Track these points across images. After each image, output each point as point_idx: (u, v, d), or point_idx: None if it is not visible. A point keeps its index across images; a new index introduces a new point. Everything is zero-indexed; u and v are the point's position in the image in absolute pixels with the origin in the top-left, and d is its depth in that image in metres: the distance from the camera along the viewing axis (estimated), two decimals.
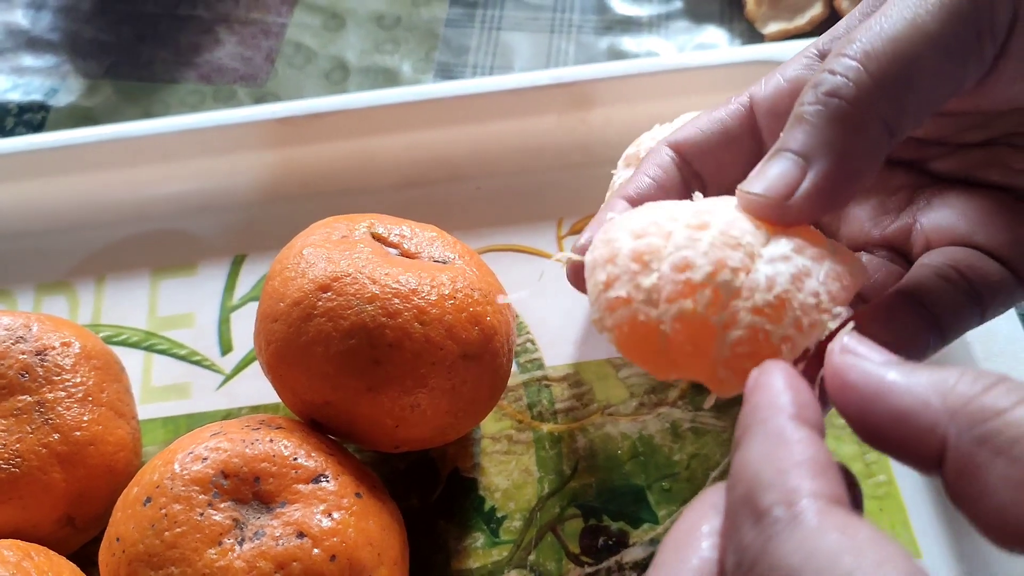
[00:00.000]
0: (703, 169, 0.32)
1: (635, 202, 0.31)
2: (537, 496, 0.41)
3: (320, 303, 0.35)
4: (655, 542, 0.39)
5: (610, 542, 0.40)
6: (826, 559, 0.18)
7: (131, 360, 0.45)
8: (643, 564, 0.39)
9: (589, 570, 0.39)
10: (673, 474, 0.41)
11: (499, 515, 0.40)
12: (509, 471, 0.41)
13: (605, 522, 0.40)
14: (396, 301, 0.35)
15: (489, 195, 0.49)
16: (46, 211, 0.50)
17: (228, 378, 0.45)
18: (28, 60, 0.58)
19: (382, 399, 0.35)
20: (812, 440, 0.21)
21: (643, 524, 0.40)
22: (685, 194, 0.31)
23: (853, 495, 0.22)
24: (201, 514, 0.32)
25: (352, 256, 0.37)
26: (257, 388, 0.44)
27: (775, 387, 0.22)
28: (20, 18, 0.60)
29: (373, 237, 0.39)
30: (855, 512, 0.20)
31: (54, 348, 0.38)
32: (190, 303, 0.47)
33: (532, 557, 0.40)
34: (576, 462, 0.41)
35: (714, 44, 0.56)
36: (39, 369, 0.37)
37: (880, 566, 0.18)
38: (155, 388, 0.45)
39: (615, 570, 0.39)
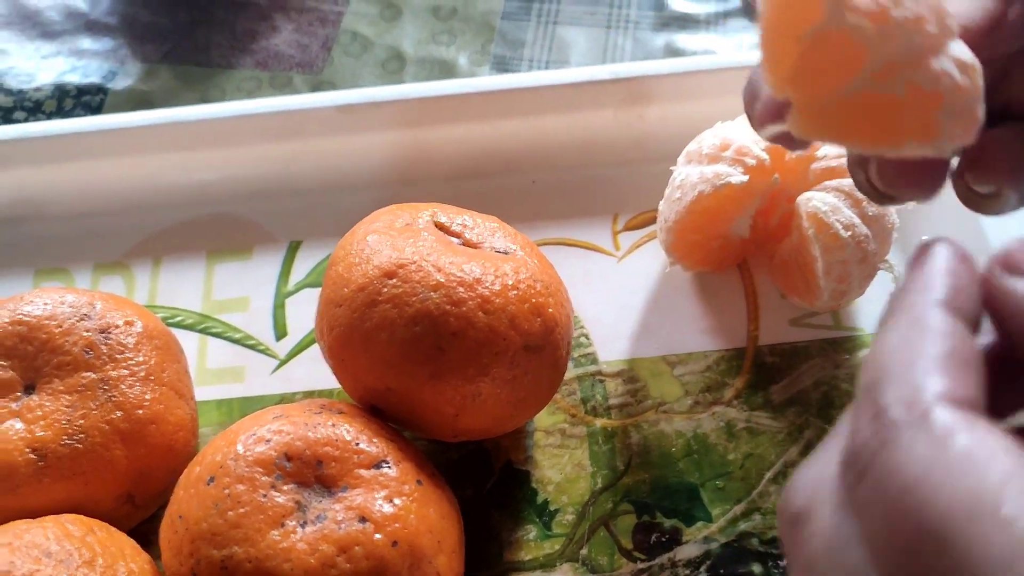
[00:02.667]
0: None
1: None
2: (590, 491, 0.41)
3: (385, 289, 0.35)
4: (709, 540, 0.39)
5: (663, 539, 0.39)
6: (948, 474, 0.16)
7: (186, 342, 0.45)
8: (696, 562, 0.39)
9: (642, 566, 0.39)
10: (727, 473, 0.41)
11: (552, 508, 0.40)
12: (562, 465, 0.41)
13: (658, 519, 0.40)
14: (461, 290, 0.35)
15: (544, 189, 0.49)
16: (104, 193, 0.50)
17: (282, 363, 0.45)
18: (87, 43, 0.59)
19: (444, 387, 0.35)
20: (955, 332, 0.19)
21: (696, 522, 0.40)
22: None
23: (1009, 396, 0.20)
24: (264, 495, 0.33)
25: (417, 244, 0.37)
26: (311, 373, 0.44)
27: (933, 268, 0.20)
28: (79, 1, 0.61)
29: (436, 226, 0.39)
30: (988, 418, 0.17)
31: (117, 327, 0.38)
32: (245, 287, 0.47)
33: (584, 551, 0.39)
34: (629, 458, 0.41)
35: None
36: (103, 347, 0.38)
37: (1006, 484, 0.16)
38: (210, 371, 0.45)
39: (668, 567, 0.39)
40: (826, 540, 0.19)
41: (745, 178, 0.40)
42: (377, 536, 0.32)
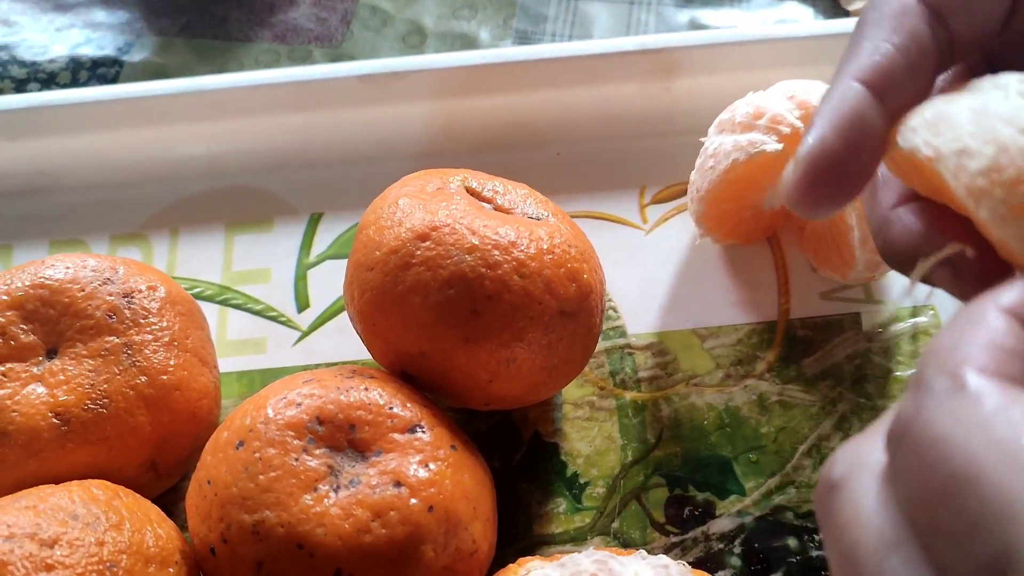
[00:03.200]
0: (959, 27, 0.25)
1: (876, 83, 0.24)
2: (620, 464, 0.40)
3: (419, 252, 0.34)
4: (742, 514, 0.39)
5: (696, 512, 0.39)
6: (977, 426, 0.17)
7: (206, 314, 0.44)
8: (731, 536, 0.38)
9: (675, 539, 0.38)
10: (760, 446, 0.40)
11: (581, 481, 0.40)
12: (591, 437, 0.41)
13: (691, 492, 0.39)
14: (496, 253, 0.34)
15: (570, 161, 0.49)
16: (121, 164, 0.49)
17: (304, 335, 0.44)
18: (101, 16, 0.58)
19: (478, 351, 0.34)
20: (1011, 331, 0.18)
21: (730, 495, 0.39)
22: (940, 69, 0.25)
23: None
24: (296, 459, 0.32)
25: (450, 207, 0.36)
26: (335, 344, 0.44)
27: (1007, 285, 0.20)
28: None
29: (467, 191, 0.38)
30: None
31: (141, 291, 0.38)
32: (265, 259, 0.47)
33: (616, 525, 0.39)
34: (660, 431, 0.41)
35: (796, 19, 0.55)
36: (126, 311, 0.37)
37: None
38: (230, 342, 0.44)
39: (701, 540, 0.38)
40: (858, 506, 0.19)
41: (780, 146, 0.39)
42: (413, 501, 0.31)
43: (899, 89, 0.24)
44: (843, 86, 0.24)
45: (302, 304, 0.45)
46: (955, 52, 0.26)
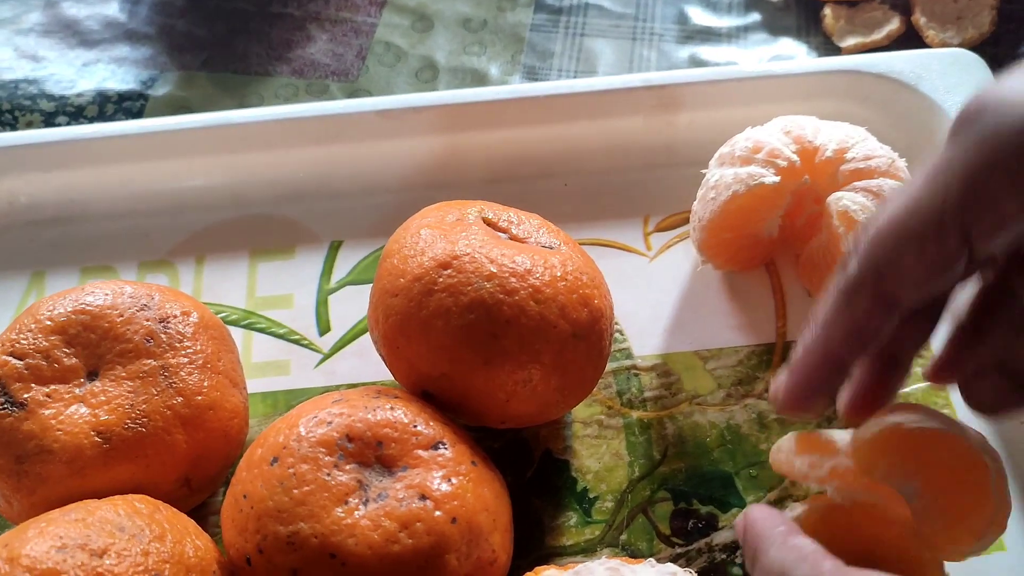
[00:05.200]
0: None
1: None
2: (628, 479, 0.42)
3: (441, 279, 0.37)
4: None
5: (700, 524, 0.41)
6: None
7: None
8: (732, 546, 0.40)
9: (680, 551, 0.40)
10: (760, 462, 0.42)
11: (591, 496, 0.42)
12: (600, 454, 0.43)
13: (695, 506, 0.41)
14: (513, 280, 0.37)
15: (576, 192, 0.51)
16: (148, 194, 0.52)
17: (326, 357, 0.46)
18: (125, 51, 0.60)
19: (497, 373, 0.37)
20: (807, 544, 0.30)
21: (732, 508, 0.41)
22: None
23: None
24: (328, 474, 0.34)
25: (469, 237, 0.38)
26: (354, 367, 0.46)
27: (765, 519, 0.32)
28: (116, 11, 0.63)
29: (484, 222, 0.40)
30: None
31: (175, 316, 0.40)
32: (288, 285, 0.49)
33: (624, 537, 0.41)
34: (665, 448, 0.43)
35: (791, 56, 0.58)
36: (163, 336, 0.39)
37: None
38: (255, 364, 0.46)
39: (705, 551, 0.40)
40: None
41: (777, 179, 0.42)
42: (437, 513, 0.33)
43: None
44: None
45: (323, 328, 0.47)
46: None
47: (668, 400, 0.44)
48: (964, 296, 0.33)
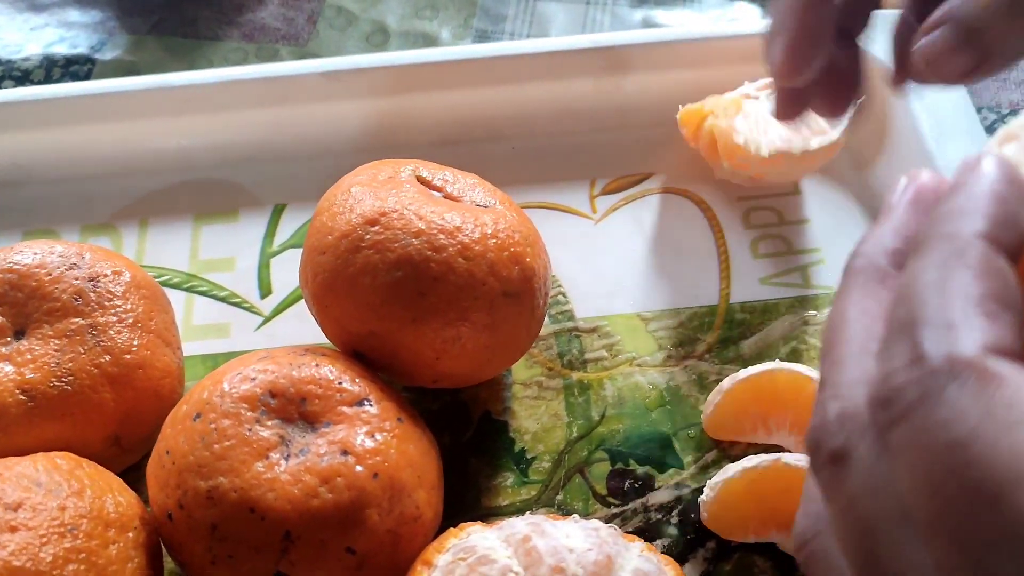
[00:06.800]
0: None
1: None
2: (566, 440, 0.42)
3: (368, 236, 0.36)
4: (680, 486, 0.41)
5: (636, 485, 0.41)
6: (999, 430, 0.16)
7: (172, 300, 0.46)
8: (668, 507, 0.40)
9: (615, 511, 0.40)
10: (699, 423, 0.42)
11: (529, 456, 0.42)
12: (539, 415, 0.43)
13: (632, 466, 0.41)
14: (441, 237, 0.36)
15: (524, 155, 0.51)
16: (92, 157, 0.51)
17: (267, 320, 0.46)
18: (75, 15, 0.59)
19: (425, 330, 0.36)
20: (997, 271, 0.18)
21: (669, 469, 0.41)
22: None
23: None
24: (249, 429, 0.34)
25: (399, 194, 0.38)
26: (295, 329, 0.45)
27: (978, 191, 0.19)
28: None
29: (418, 180, 0.40)
30: None
31: (106, 275, 0.39)
32: (231, 248, 0.48)
33: (560, 497, 0.41)
34: (604, 408, 0.43)
35: (746, 19, 0.57)
36: (92, 294, 0.39)
37: None
38: (195, 327, 0.46)
39: (640, 511, 0.40)
40: (865, 480, 0.19)
41: None
42: (358, 468, 0.33)
43: None
44: None
45: (265, 291, 0.47)
46: None
47: (608, 361, 0.44)
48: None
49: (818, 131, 0.45)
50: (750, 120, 0.45)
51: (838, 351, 0.21)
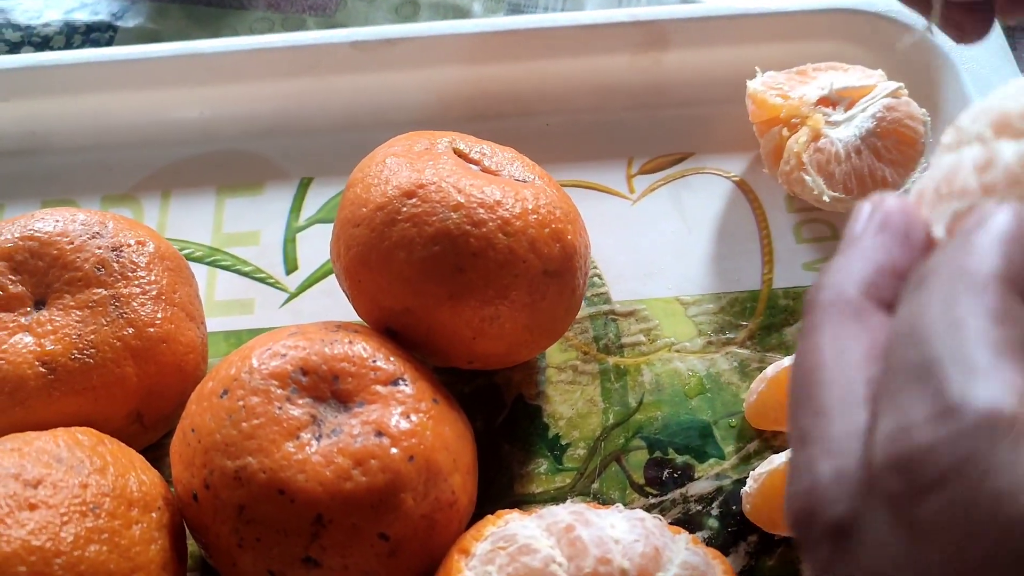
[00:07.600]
0: None
1: None
2: (602, 426, 0.40)
3: (405, 208, 0.35)
4: (721, 476, 0.39)
5: (675, 475, 0.39)
6: None
7: (195, 274, 0.45)
8: (709, 497, 0.39)
9: (653, 501, 0.39)
10: (740, 412, 0.40)
11: (563, 442, 0.40)
12: (574, 400, 0.41)
13: (670, 455, 0.40)
14: (481, 211, 0.35)
15: (559, 131, 0.49)
16: (114, 126, 0.49)
17: (292, 296, 0.45)
18: None
19: (462, 308, 0.35)
20: (1017, 317, 0.16)
21: (709, 459, 0.39)
22: None
23: None
24: (279, 408, 0.32)
25: (437, 166, 0.36)
26: (322, 306, 0.44)
27: (993, 234, 0.17)
28: None
29: (455, 152, 0.38)
30: None
31: (129, 245, 0.38)
32: (255, 222, 0.47)
33: (596, 485, 0.39)
34: (642, 395, 0.41)
35: None
36: (115, 264, 0.37)
37: None
38: (218, 302, 0.45)
39: (679, 502, 0.39)
40: (879, 563, 0.16)
41: None
42: (393, 450, 0.32)
43: None
44: None
45: (290, 266, 0.45)
46: None
47: (646, 347, 0.42)
48: None
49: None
50: (823, 156, 0.42)
51: (819, 399, 0.18)
